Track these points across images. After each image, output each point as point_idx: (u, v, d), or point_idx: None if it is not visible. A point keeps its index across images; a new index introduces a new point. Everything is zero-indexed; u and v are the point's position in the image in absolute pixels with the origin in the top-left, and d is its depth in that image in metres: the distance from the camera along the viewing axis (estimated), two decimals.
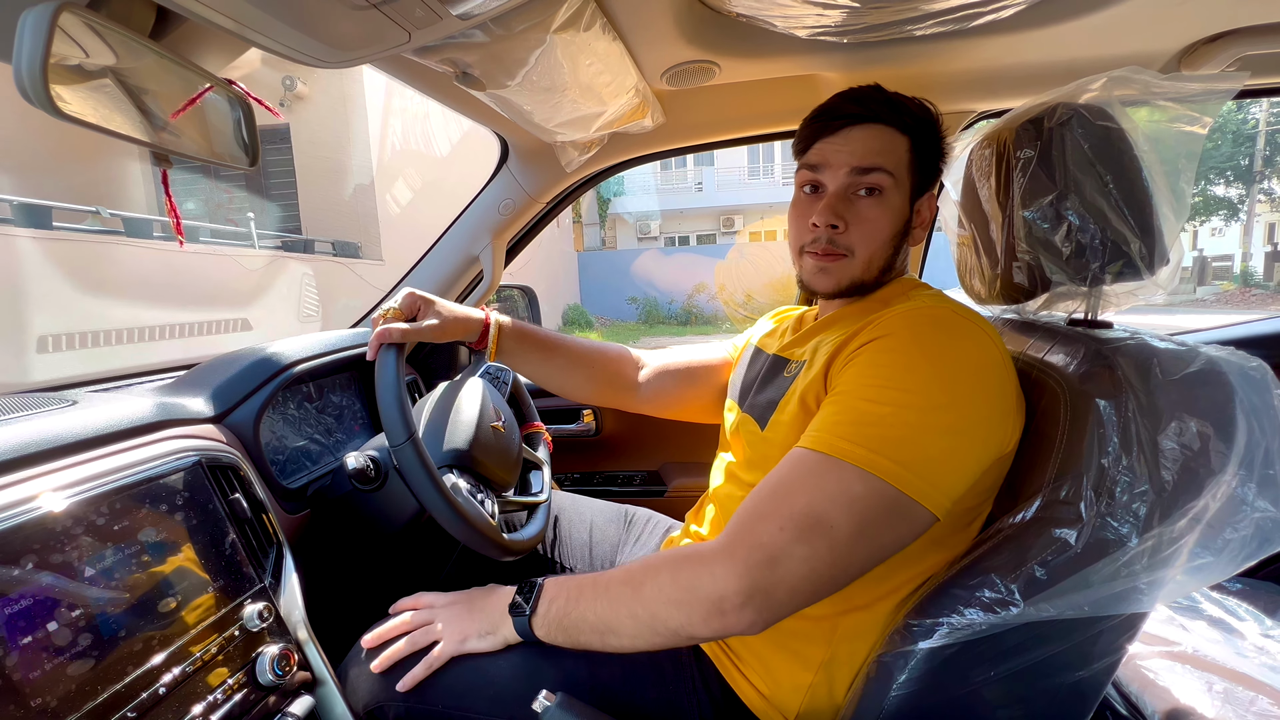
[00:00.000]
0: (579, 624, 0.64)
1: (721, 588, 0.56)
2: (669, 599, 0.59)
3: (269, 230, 6.62)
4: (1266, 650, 0.87)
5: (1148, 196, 0.65)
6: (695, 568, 0.59)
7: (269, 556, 0.72)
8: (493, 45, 0.69)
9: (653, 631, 0.60)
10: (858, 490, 0.55)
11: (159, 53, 0.54)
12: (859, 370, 0.62)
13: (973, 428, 0.58)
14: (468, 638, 0.69)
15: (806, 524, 0.56)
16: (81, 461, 0.59)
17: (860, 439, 0.57)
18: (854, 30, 0.85)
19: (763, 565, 0.56)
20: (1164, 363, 0.57)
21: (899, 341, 0.61)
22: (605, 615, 0.62)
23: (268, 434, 0.90)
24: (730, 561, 0.57)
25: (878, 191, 0.71)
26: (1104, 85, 0.68)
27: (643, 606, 0.60)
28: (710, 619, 0.57)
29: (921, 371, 0.59)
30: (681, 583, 0.59)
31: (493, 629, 0.69)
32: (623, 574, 0.64)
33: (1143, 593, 0.54)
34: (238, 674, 0.61)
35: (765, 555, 0.56)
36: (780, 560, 0.55)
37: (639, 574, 0.63)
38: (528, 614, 0.67)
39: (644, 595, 0.61)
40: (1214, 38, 0.90)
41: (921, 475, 0.55)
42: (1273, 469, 0.51)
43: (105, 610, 0.54)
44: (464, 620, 0.70)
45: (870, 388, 0.60)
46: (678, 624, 0.59)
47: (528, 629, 0.67)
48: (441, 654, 0.68)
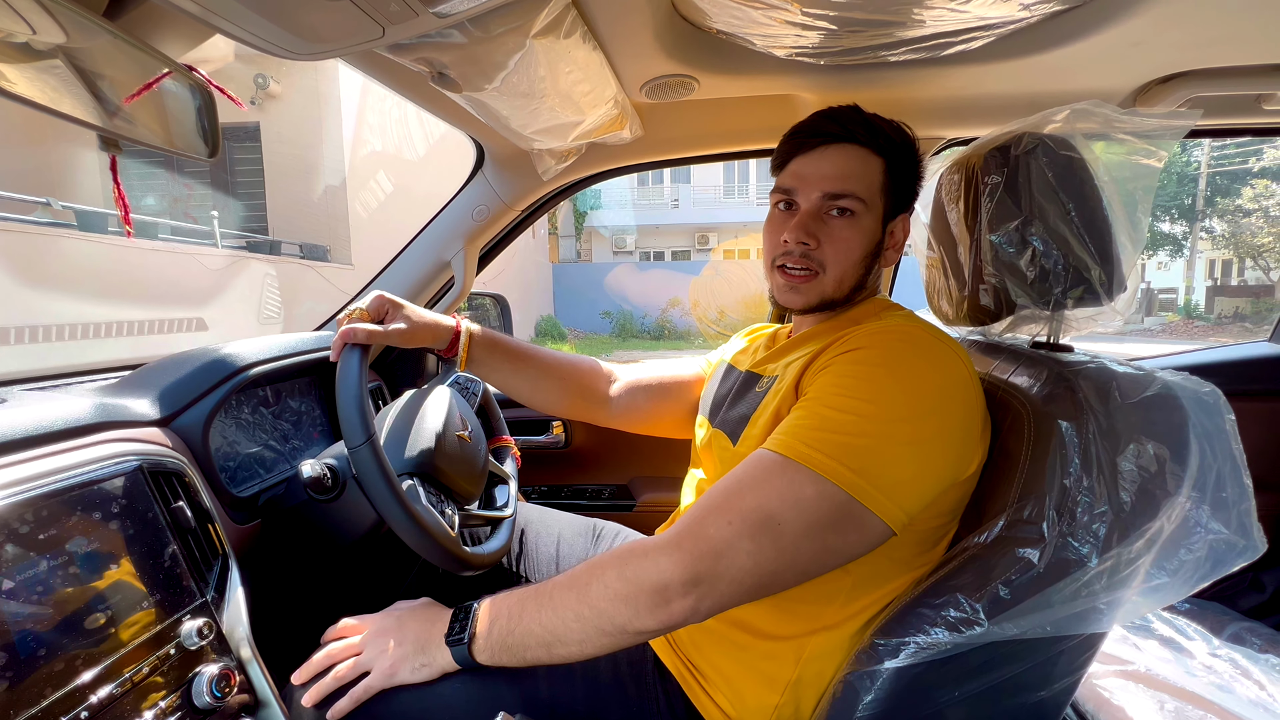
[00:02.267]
0: (524, 640, 0.61)
1: (666, 576, 0.56)
2: (615, 594, 0.58)
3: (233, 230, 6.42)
4: (1214, 669, 0.90)
5: (1107, 225, 0.68)
6: (640, 560, 0.58)
7: (213, 569, 0.68)
8: (470, 47, 0.68)
9: (599, 631, 0.58)
10: (809, 493, 0.56)
11: (113, 33, 0.51)
12: (827, 379, 0.63)
13: (934, 443, 0.59)
14: (398, 670, 0.65)
15: (755, 520, 0.56)
16: (6, 464, 0.55)
17: (818, 444, 0.57)
18: (831, 53, 0.87)
19: (708, 556, 0.56)
20: (1123, 386, 0.58)
21: (869, 355, 0.62)
22: (550, 624, 0.60)
23: (218, 439, 0.86)
24: (676, 552, 0.57)
25: (850, 213, 0.72)
26: (1067, 117, 0.70)
27: (588, 606, 0.59)
28: (656, 609, 0.56)
29: (887, 384, 0.59)
30: (627, 576, 0.58)
31: (427, 660, 0.65)
32: (566, 578, 0.62)
33: (1102, 613, 0.55)
34: (171, 696, 0.57)
35: (710, 547, 0.56)
36: (725, 553, 0.56)
37: (584, 575, 0.61)
38: (465, 641, 0.63)
39: (590, 595, 0.59)
40: (1166, 78, 0.95)
41: (877, 485, 0.56)
42: (1225, 491, 0.53)
43: (24, 626, 0.49)
44: (393, 651, 0.66)
45: (835, 396, 0.60)
46: (624, 619, 0.57)
47: (468, 657, 0.63)
48: (369, 688, 0.64)
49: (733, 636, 0.68)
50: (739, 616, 0.68)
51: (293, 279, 6.24)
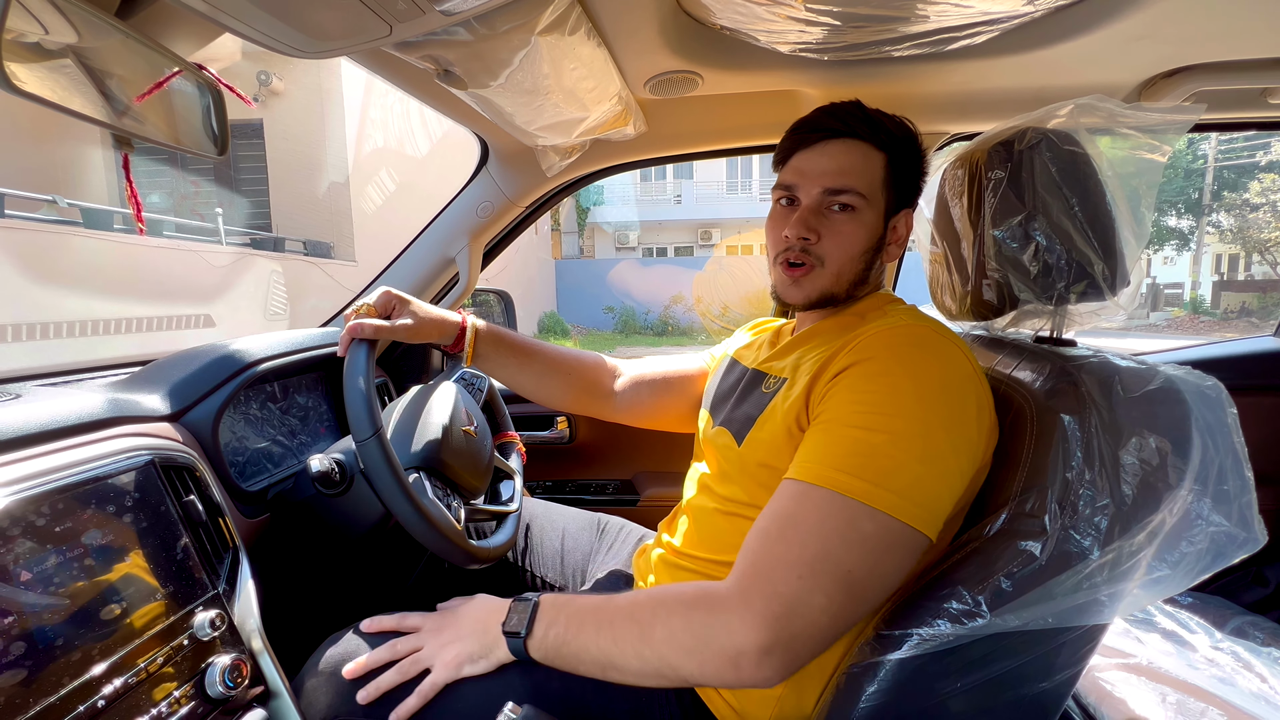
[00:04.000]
0: (579, 654, 0.61)
1: (739, 641, 0.54)
2: (681, 646, 0.56)
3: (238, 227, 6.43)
4: (1216, 662, 0.91)
5: (1111, 220, 0.68)
6: (708, 616, 0.56)
7: (224, 562, 0.69)
8: (476, 44, 0.68)
9: (660, 676, 0.58)
10: (868, 529, 0.55)
11: (125, 32, 0.52)
12: (846, 396, 0.62)
13: (960, 449, 0.59)
14: (462, 664, 0.65)
15: (822, 569, 0.54)
16: (22, 458, 0.56)
17: (859, 470, 0.56)
18: (834, 48, 0.87)
19: (782, 617, 0.53)
20: (1125, 380, 0.59)
21: (883, 365, 0.61)
22: (609, 651, 0.59)
23: (227, 434, 0.87)
24: (746, 612, 0.54)
25: (850, 208, 0.72)
26: (1071, 112, 0.70)
27: (651, 649, 0.57)
28: (724, 672, 0.55)
29: (909, 395, 0.59)
30: (694, 630, 0.56)
31: (486, 652, 0.66)
32: (627, 607, 0.61)
33: (1104, 605, 0.55)
34: (185, 685, 0.58)
35: (784, 606, 0.54)
36: (799, 611, 0.54)
37: (646, 612, 0.60)
38: (523, 637, 0.64)
39: (653, 638, 0.58)
40: (1171, 73, 0.95)
41: (917, 502, 0.56)
42: (1226, 485, 0.53)
43: (41, 617, 0.50)
44: (456, 645, 0.67)
45: (860, 414, 0.59)
46: (689, 672, 0.56)
47: (523, 651, 0.64)
48: (435, 684, 0.65)
49: None
50: None
51: (297, 275, 6.26)
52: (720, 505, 0.74)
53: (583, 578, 0.99)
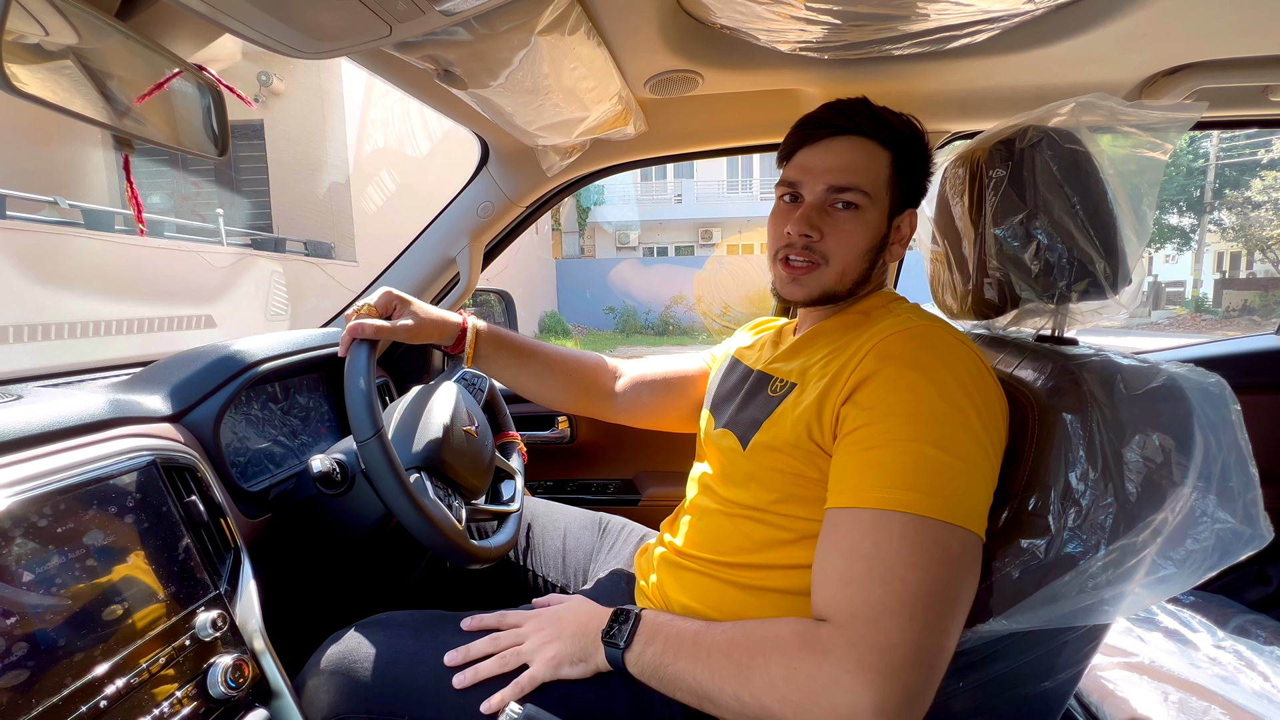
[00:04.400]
0: (676, 680, 0.60)
1: (853, 700, 0.50)
2: (782, 698, 0.53)
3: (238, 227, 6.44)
4: (1218, 661, 0.90)
5: (1112, 218, 0.68)
6: (813, 669, 0.52)
7: (225, 562, 0.69)
8: (476, 44, 0.68)
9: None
10: (954, 546, 0.54)
11: (125, 33, 0.52)
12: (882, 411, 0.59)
13: (987, 448, 0.59)
14: (561, 664, 0.66)
15: (931, 603, 0.52)
16: (23, 459, 0.56)
17: (926, 487, 0.54)
18: (835, 47, 0.87)
19: (900, 669, 0.50)
20: (1127, 379, 0.59)
21: (908, 373, 0.60)
22: (706, 686, 0.58)
23: (229, 435, 0.87)
24: (860, 668, 0.50)
25: (854, 206, 0.72)
26: (1072, 110, 0.70)
27: (750, 695, 0.55)
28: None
29: (941, 402, 0.58)
30: (798, 684, 0.53)
31: (585, 656, 0.66)
32: (725, 644, 0.59)
33: (1107, 604, 0.55)
34: (187, 686, 0.58)
35: (902, 657, 0.50)
36: (920, 659, 0.50)
37: (745, 653, 0.57)
38: (622, 648, 0.63)
39: (751, 681, 0.55)
40: (1172, 70, 0.94)
41: (975, 508, 0.56)
42: (1231, 481, 0.53)
43: (44, 618, 0.50)
44: (556, 644, 0.67)
45: (903, 426, 0.57)
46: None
47: (620, 663, 0.63)
48: (534, 678, 0.65)
49: None
50: (746, 611, 0.69)
51: (298, 276, 6.26)
52: (723, 507, 0.74)
53: (584, 577, 0.99)
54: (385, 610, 0.76)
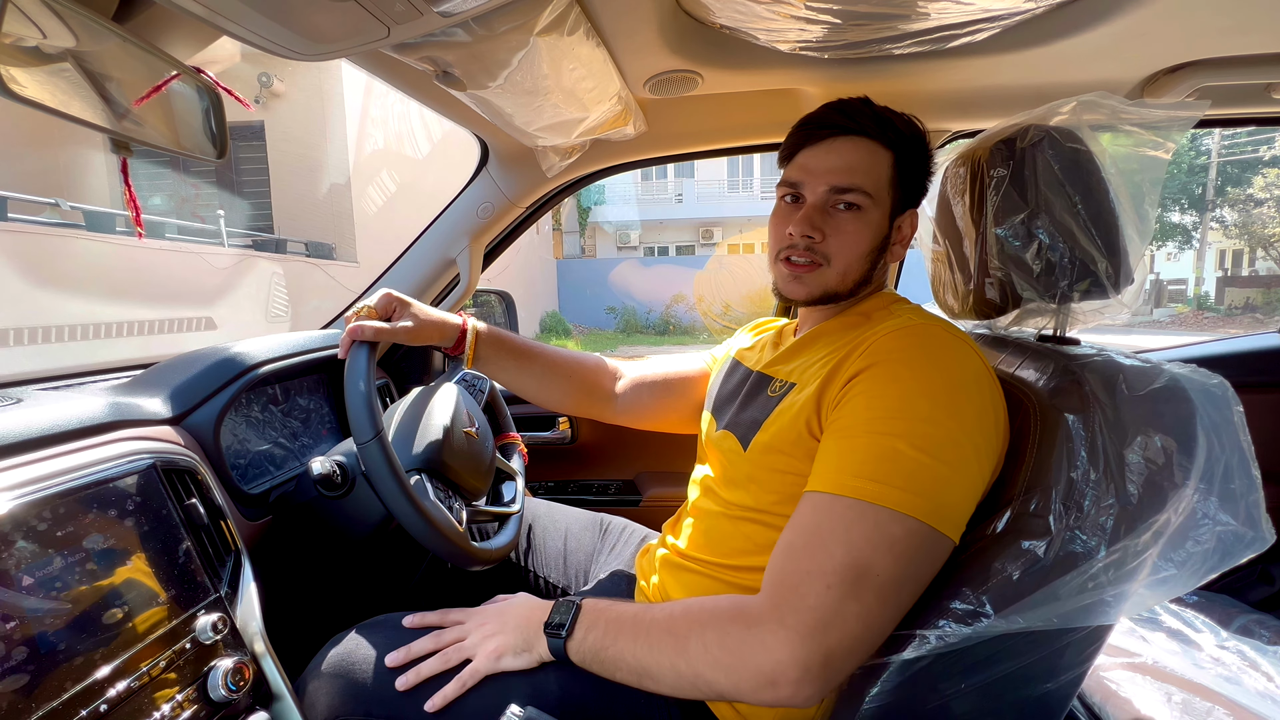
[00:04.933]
0: (616, 661, 0.61)
1: (775, 659, 0.53)
2: (715, 662, 0.56)
3: (239, 229, 6.44)
4: (1222, 661, 0.90)
5: (1114, 217, 0.68)
6: (742, 632, 0.56)
7: (226, 565, 0.69)
8: (474, 45, 0.68)
9: (695, 689, 0.58)
10: (896, 532, 0.54)
11: (123, 36, 0.51)
12: (863, 402, 0.61)
13: (978, 448, 0.59)
14: (503, 655, 0.66)
15: (852, 576, 0.54)
16: (23, 463, 0.56)
17: (883, 476, 0.56)
18: (835, 46, 0.87)
19: (817, 631, 0.53)
20: (1129, 379, 0.58)
21: (898, 368, 0.61)
22: (645, 662, 0.60)
23: (229, 437, 0.87)
24: (780, 629, 0.54)
25: (856, 207, 0.71)
26: (1073, 109, 0.70)
27: (686, 663, 0.58)
28: (761, 690, 0.54)
29: (925, 398, 0.59)
30: (729, 646, 0.56)
31: (528, 646, 0.66)
32: (664, 619, 0.61)
33: (1109, 605, 0.55)
34: (188, 689, 0.58)
35: (816, 619, 0.53)
36: (833, 622, 0.53)
37: (682, 625, 0.60)
38: (564, 638, 0.64)
39: (688, 652, 0.58)
40: (1174, 68, 0.94)
41: (942, 504, 0.56)
42: (1233, 483, 0.53)
43: (44, 622, 0.50)
44: (499, 637, 0.67)
45: (879, 419, 0.59)
46: (724, 689, 0.56)
47: (563, 651, 0.64)
48: (476, 671, 0.65)
49: None
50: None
51: (299, 277, 6.27)
52: (725, 509, 0.74)
53: (585, 578, 0.99)
54: (386, 612, 0.76)
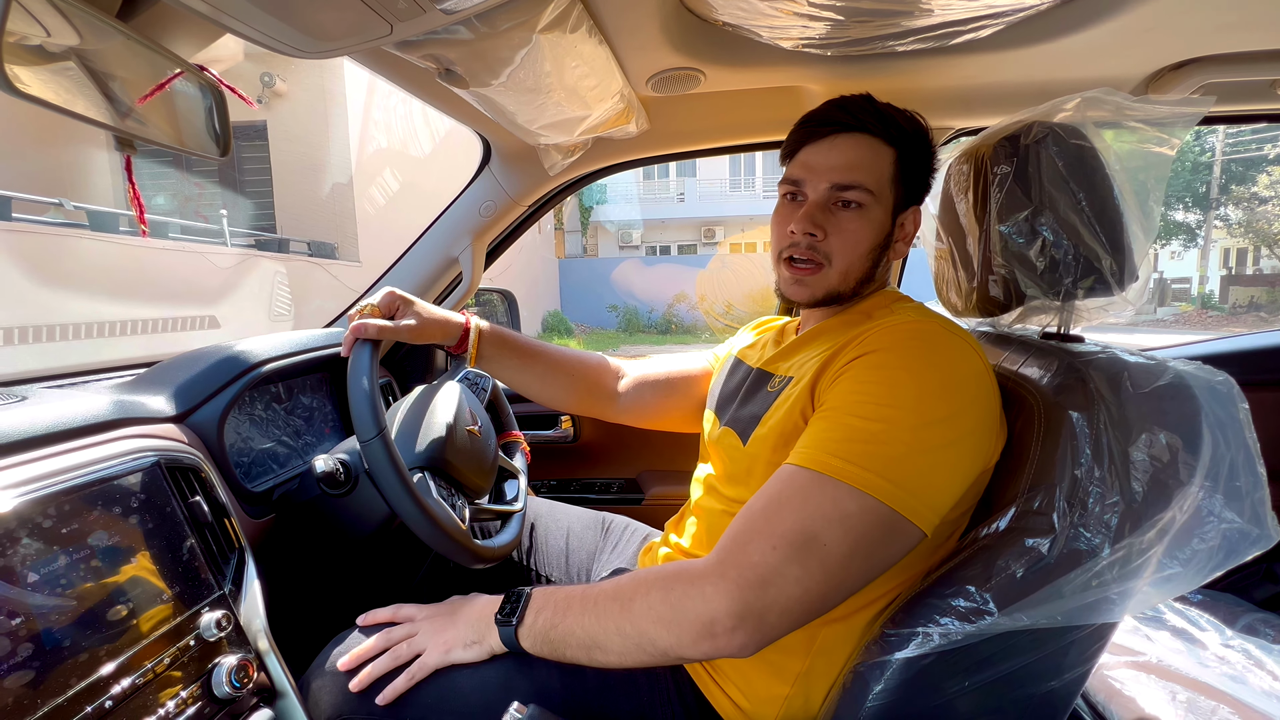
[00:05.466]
0: (565, 638, 0.62)
1: (712, 609, 0.55)
2: (658, 618, 0.58)
3: (242, 228, 6.46)
4: (1227, 660, 0.90)
5: (1119, 214, 0.67)
6: (685, 587, 0.57)
7: (230, 563, 0.69)
8: (477, 42, 0.68)
9: (640, 650, 0.59)
10: (851, 508, 0.55)
11: (126, 34, 0.52)
12: (849, 386, 0.62)
13: (961, 442, 0.59)
14: (452, 648, 0.67)
15: (799, 542, 0.55)
16: (28, 460, 0.56)
17: (852, 456, 0.56)
18: (838, 43, 0.87)
19: (754, 586, 0.54)
20: (1134, 376, 0.58)
21: (888, 357, 0.61)
22: (593, 630, 0.61)
23: (232, 435, 0.87)
24: (721, 582, 0.56)
25: (858, 205, 0.71)
26: (1078, 106, 0.70)
27: (631, 624, 0.59)
28: (700, 641, 0.56)
29: (911, 387, 0.59)
30: (671, 601, 0.57)
31: (478, 638, 0.67)
32: (612, 588, 0.62)
33: (1114, 603, 0.55)
34: (192, 686, 0.58)
35: (756, 575, 0.55)
36: (772, 581, 0.54)
37: (629, 589, 0.61)
38: (514, 625, 0.64)
39: (633, 612, 0.59)
40: (1179, 65, 0.93)
41: (912, 492, 0.55)
42: (1238, 481, 0.52)
43: (48, 618, 0.50)
44: (447, 630, 0.68)
45: (861, 404, 0.59)
46: (666, 644, 0.57)
47: (514, 640, 0.65)
48: (425, 665, 0.66)
49: None
50: None
51: (302, 277, 6.27)
52: (727, 507, 0.74)
53: (588, 576, 0.99)
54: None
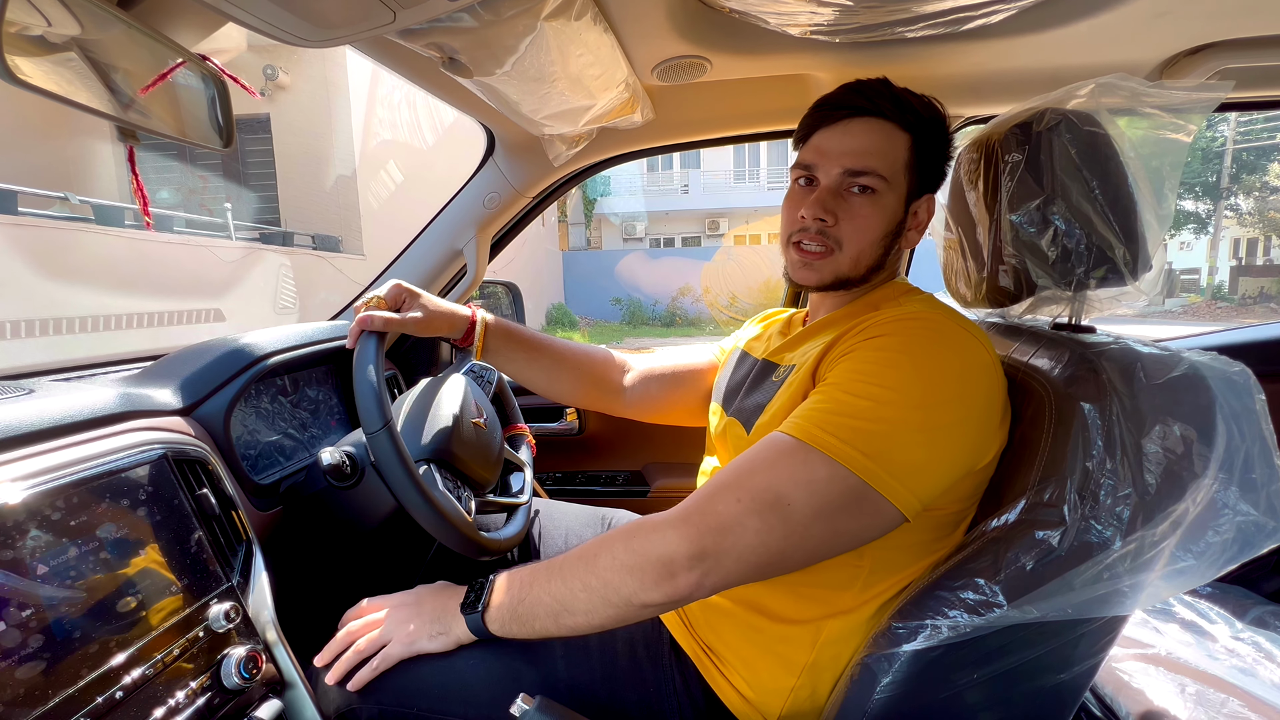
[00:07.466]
0: (533, 609, 0.63)
1: (672, 549, 0.57)
2: (622, 565, 0.59)
3: (247, 221, 6.47)
4: (1237, 653, 0.89)
5: (1132, 203, 0.66)
6: (648, 534, 0.59)
7: (238, 555, 0.70)
8: (481, 30, 0.67)
9: (605, 602, 0.59)
10: (820, 475, 0.56)
11: (128, 23, 0.51)
12: (847, 365, 0.62)
13: (952, 431, 0.58)
14: (416, 639, 0.67)
15: (764, 499, 0.56)
16: (37, 453, 0.56)
17: (832, 428, 0.57)
18: (846, 30, 0.85)
19: (714, 531, 0.56)
20: (1147, 367, 0.57)
21: (889, 342, 0.61)
22: (559, 594, 0.61)
23: (239, 428, 0.87)
24: (684, 526, 0.57)
25: (871, 191, 0.70)
26: (1091, 92, 0.68)
27: (596, 577, 0.60)
28: (661, 581, 0.57)
29: (907, 372, 0.59)
30: (634, 547, 0.59)
31: (444, 629, 0.67)
32: (577, 551, 0.63)
33: (1125, 595, 0.54)
34: (201, 677, 0.59)
35: (717, 522, 0.56)
36: (732, 529, 0.56)
37: (593, 547, 0.62)
38: (479, 610, 0.65)
39: (598, 565, 0.60)
40: (1195, 50, 0.92)
41: (890, 472, 0.55)
42: (1253, 472, 0.52)
43: (59, 610, 0.51)
44: (411, 621, 0.68)
45: (853, 381, 0.60)
46: (630, 590, 0.58)
47: (481, 625, 0.65)
48: (389, 656, 0.66)
49: (749, 619, 0.69)
50: (755, 600, 0.68)
51: (306, 270, 6.29)
52: None
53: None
54: None
